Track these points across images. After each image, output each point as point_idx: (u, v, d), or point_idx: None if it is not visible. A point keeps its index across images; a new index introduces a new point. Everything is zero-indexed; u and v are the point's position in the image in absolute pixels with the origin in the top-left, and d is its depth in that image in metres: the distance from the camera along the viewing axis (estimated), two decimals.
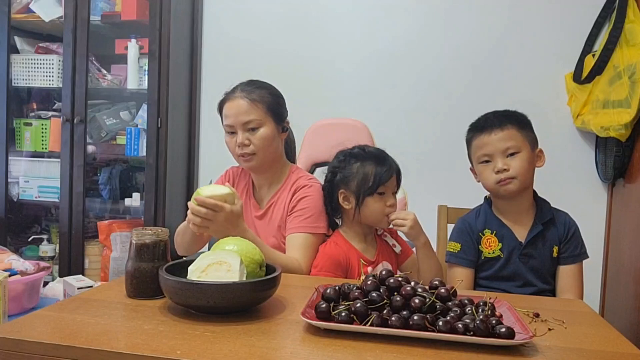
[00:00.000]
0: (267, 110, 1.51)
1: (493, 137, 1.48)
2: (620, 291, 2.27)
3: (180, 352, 0.80)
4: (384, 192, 1.48)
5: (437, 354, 0.84)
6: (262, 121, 1.50)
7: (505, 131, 1.47)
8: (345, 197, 1.50)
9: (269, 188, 1.60)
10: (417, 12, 2.62)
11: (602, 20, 2.38)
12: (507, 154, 1.47)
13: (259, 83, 1.57)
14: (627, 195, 2.28)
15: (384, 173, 1.47)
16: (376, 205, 1.47)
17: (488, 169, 1.49)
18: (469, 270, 1.53)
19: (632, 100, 2.04)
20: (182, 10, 2.71)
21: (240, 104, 1.50)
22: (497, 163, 1.47)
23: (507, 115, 1.51)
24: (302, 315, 0.91)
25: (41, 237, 2.87)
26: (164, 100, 2.59)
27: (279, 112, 1.55)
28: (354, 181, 1.48)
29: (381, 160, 1.50)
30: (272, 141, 1.52)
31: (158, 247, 1.10)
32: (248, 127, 1.49)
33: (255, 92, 1.52)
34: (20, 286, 1.47)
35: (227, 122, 1.52)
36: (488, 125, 1.50)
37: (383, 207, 1.48)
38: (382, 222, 1.50)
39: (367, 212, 1.48)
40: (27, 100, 2.94)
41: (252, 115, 1.49)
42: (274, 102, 1.54)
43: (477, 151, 1.51)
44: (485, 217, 1.55)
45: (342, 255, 1.47)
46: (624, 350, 0.91)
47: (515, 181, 1.46)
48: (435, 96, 2.59)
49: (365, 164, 1.49)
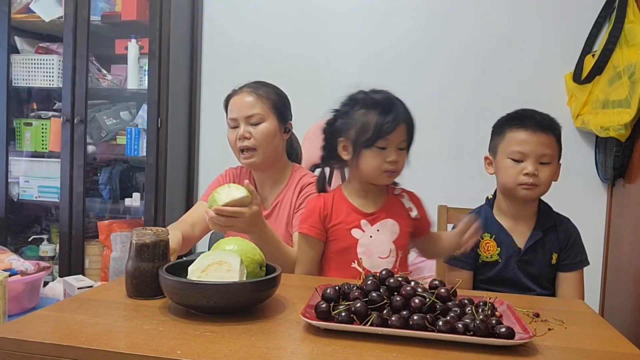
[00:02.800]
0: (272, 107, 1.52)
1: (534, 138, 1.42)
2: (620, 291, 2.27)
3: (180, 352, 0.80)
4: (384, 147, 1.32)
5: (437, 354, 0.84)
6: (265, 116, 1.51)
7: (547, 137, 1.43)
8: (345, 146, 1.38)
9: (272, 187, 1.60)
10: (417, 13, 2.62)
11: (602, 20, 2.38)
12: (542, 160, 1.43)
13: (266, 83, 1.59)
14: (627, 195, 2.28)
15: (385, 124, 1.30)
16: (373, 161, 1.33)
17: (516, 168, 1.44)
18: (468, 273, 1.52)
19: (632, 100, 2.04)
20: (182, 10, 2.71)
21: (246, 98, 1.52)
22: (529, 166, 1.42)
23: (552, 121, 1.46)
24: (302, 315, 0.91)
25: (41, 237, 2.87)
26: (164, 100, 2.59)
27: (283, 112, 1.56)
28: (353, 130, 1.34)
29: (386, 108, 1.33)
30: (273, 138, 1.52)
31: (158, 247, 1.10)
32: (250, 121, 1.50)
33: (262, 89, 1.54)
34: (20, 286, 1.47)
35: (231, 116, 1.53)
36: (531, 123, 1.43)
37: (381, 162, 1.33)
38: (380, 179, 1.36)
39: (363, 166, 1.35)
40: (27, 100, 2.95)
41: (255, 109, 1.50)
42: (280, 101, 1.56)
43: (512, 145, 1.44)
44: (485, 220, 1.53)
45: (324, 208, 1.39)
46: (624, 350, 0.91)
47: (537, 189, 1.44)
48: (435, 97, 2.59)
49: (369, 112, 1.33)
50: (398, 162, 1.35)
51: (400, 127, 1.32)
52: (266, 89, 1.55)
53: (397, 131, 1.32)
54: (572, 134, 2.45)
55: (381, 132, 1.31)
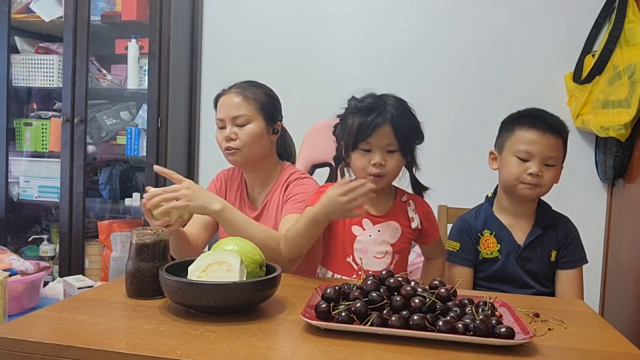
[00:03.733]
0: (259, 109, 1.52)
1: (543, 139, 1.42)
2: (620, 291, 2.27)
3: (180, 352, 0.80)
4: (369, 149, 1.34)
5: (437, 354, 0.84)
6: (251, 118, 1.50)
7: (555, 140, 1.43)
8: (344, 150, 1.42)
9: (261, 187, 1.60)
10: (417, 13, 2.62)
11: (602, 20, 2.38)
12: (547, 162, 1.43)
13: (256, 83, 1.58)
14: (627, 195, 2.28)
15: (365, 126, 1.31)
16: (358, 162, 1.36)
17: (521, 166, 1.44)
18: (468, 270, 1.52)
19: (632, 100, 2.04)
20: (182, 10, 2.71)
21: (233, 99, 1.52)
22: (534, 166, 1.42)
23: (561, 124, 1.46)
24: (302, 315, 0.91)
25: (41, 237, 2.87)
26: (164, 100, 2.59)
27: (271, 113, 1.55)
28: (345, 134, 1.38)
29: (369, 111, 1.33)
30: (260, 139, 1.52)
31: (158, 247, 1.10)
32: (237, 122, 1.50)
33: (250, 89, 1.54)
34: (20, 286, 1.47)
35: (218, 116, 1.54)
36: (542, 124, 1.43)
37: (366, 165, 1.34)
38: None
39: (353, 167, 1.39)
40: (27, 100, 2.94)
41: (242, 111, 1.50)
42: (267, 102, 1.55)
43: (519, 144, 1.44)
44: (485, 217, 1.54)
45: None
46: (624, 350, 0.91)
47: (538, 190, 1.44)
48: (435, 97, 2.59)
49: (355, 116, 1.36)
50: (384, 165, 1.34)
51: (382, 128, 1.32)
52: (254, 90, 1.54)
53: (380, 133, 1.32)
54: (572, 134, 2.41)
55: (360, 134, 1.33)
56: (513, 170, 1.45)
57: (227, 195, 1.62)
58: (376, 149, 1.34)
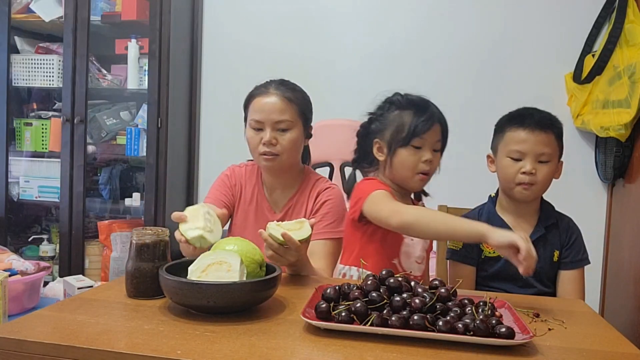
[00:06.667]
0: (300, 113, 1.46)
1: (532, 137, 1.42)
2: (620, 291, 2.27)
3: (180, 352, 0.80)
4: (420, 146, 1.34)
5: (437, 354, 0.84)
6: (293, 123, 1.44)
7: (546, 135, 1.43)
8: (380, 147, 1.40)
9: (282, 190, 1.53)
10: (417, 13, 2.62)
11: (602, 20, 2.38)
12: (540, 159, 1.43)
13: (292, 84, 1.52)
14: (627, 196, 2.28)
15: (420, 123, 1.32)
16: (408, 159, 1.34)
17: (515, 166, 1.44)
18: (470, 268, 1.52)
19: (632, 100, 2.05)
20: (182, 10, 2.71)
21: (275, 101, 1.44)
22: (527, 165, 1.42)
23: (551, 120, 1.47)
24: (302, 315, 0.91)
25: (41, 237, 2.87)
26: (164, 100, 2.59)
27: (308, 117, 1.51)
28: (388, 130, 1.37)
29: (421, 109, 1.35)
30: (300, 146, 1.48)
31: (158, 247, 1.10)
32: (278, 127, 1.43)
33: (290, 92, 1.47)
34: (20, 286, 1.47)
35: (257, 118, 1.44)
36: (531, 122, 1.44)
37: (417, 162, 1.34)
38: (413, 181, 1.37)
39: (398, 164, 1.36)
40: (27, 100, 2.94)
41: (285, 115, 1.43)
42: (306, 107, 1.50)
43: (511, 145, 1.45)
44: (488, 216, 1.54)
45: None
46: (624, 350, 0.91)
47: (534, 188, 1.44)
48: (435, 97, 2.56)
49: (404, 112, 1.36)
50: (432, 162, 1.37)
51: (435, 126, 1.36)
52: (295, 94, 1.47)
53: (433, 130, 1.35)
54: (572, 134, 2.44)
55: (417, 131, 1.33)
56: (508, 172, 1.46)
57: (241, 193, 1.55)
58: (427, 147, 1.36)
